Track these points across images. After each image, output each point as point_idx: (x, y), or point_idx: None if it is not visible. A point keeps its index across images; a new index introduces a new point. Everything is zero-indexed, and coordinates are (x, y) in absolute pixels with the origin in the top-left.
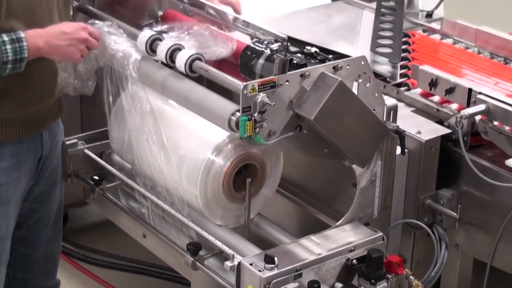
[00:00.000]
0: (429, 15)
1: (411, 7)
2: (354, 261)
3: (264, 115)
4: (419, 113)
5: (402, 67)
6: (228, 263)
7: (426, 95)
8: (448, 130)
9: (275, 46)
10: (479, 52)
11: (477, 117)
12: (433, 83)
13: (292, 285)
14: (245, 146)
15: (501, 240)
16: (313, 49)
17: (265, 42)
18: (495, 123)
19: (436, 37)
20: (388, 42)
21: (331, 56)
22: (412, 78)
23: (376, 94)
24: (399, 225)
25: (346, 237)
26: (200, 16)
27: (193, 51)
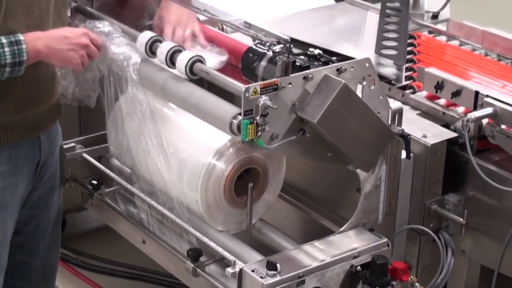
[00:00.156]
0: (435, 16)
1: (417, 8)
2: (358, 268)
3: (267, 119)
4: (425, 116)
5: (408, 69)
6: (230, 270)
7: (432, 98)
8: (455, 134)
9: (278, 48)
10: (486, 54)
11: (484, 121)
12: (439, 86)
13: None
14: (247, 150)
15: (509, 246)
16: (317, 51)
17: (268, 44)
18: (503, 127)
19: (442, 39)
20: (393, 44)
21: (335, 58)
22: (418, 81)
23: (381, 97)
24: (404, 231)
25: (350, 243)
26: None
27: (194, 53)
